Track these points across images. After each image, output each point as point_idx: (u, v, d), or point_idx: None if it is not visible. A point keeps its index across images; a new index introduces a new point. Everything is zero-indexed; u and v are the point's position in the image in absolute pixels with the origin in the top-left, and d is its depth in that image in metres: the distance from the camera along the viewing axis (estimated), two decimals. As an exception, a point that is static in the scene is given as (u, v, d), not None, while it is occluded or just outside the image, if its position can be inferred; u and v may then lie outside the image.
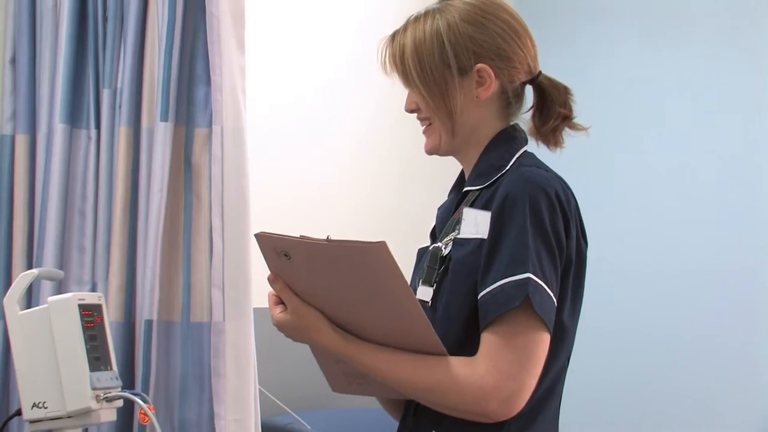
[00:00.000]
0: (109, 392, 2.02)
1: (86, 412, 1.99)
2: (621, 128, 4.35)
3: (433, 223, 1.84)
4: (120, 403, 2.06)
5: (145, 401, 2.04)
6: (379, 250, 1.50)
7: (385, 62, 1.75)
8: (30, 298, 2.44)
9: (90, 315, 2.04)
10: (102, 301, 2.10)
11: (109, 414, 2.05)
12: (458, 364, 1.56)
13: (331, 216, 3.66)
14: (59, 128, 2.47)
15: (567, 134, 1.76)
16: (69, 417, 2.00)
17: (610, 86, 4.44)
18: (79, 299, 2.04)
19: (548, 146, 1.76)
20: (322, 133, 3.76)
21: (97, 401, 1.99)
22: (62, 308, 2.02)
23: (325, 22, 3.82)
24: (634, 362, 4.27)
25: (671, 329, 4.20)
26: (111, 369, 2.06)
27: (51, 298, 2.06)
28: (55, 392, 1.99)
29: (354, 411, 3.18)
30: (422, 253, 1.80)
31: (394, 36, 1.75)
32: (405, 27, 1.74)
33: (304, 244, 1.55)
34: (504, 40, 1.70)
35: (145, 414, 2.01)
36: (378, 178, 3.98)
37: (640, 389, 4.26)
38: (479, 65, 1.69)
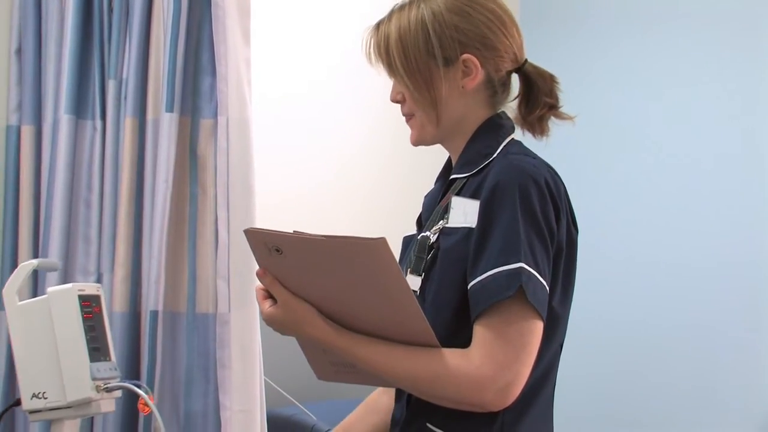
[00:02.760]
0: (109, 382, 2.02)
1: (86, 402, 1.99)
2: (618, 120, 4.31)
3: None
4: (119, 393, 2.06)
5: (145, 391, 2.03)
6: (379, 246, 1.47)
7: (369, 52, 1.74)
8: (36, 289, 2.45)
9: (89, 305, 2.04)
10: (101, 292, 2.10)
11: (108, 404, 2.05)
12: (453, 355, 1.54)
13: (335, 207, 3.65)
14: (65, 119, 2.47)
15: (562, 124, 1.75)
16: (69, 407, 2.00)
17: (610, 79, 4.39)
18: (79, 290, 2.04)
19: (534, 135, 1.74)
20: (328, 126, 3.75)
21: (97, 391, 1.99)
22: (62, 299, 2.02)
23: (330, 16, 3.80)
24: (629, 353, 4.20)
25: (667, 318, 4.13)
26: (110, 359, 2.06)
27: (50, 289, 2.05)
28: (55, 382, 1.99)
29: (359, 402, 3.16)
30: (408, 240, 1.79)
31: (378, 25, 1.74)
32: (390, 16, 1.72)
33: (299, 239, 1.53)
34: (489, 30, 1.68)
35: (145, 404, 2.01)
36: (383, 170, 3.96)
37: (635, 380, 4.19)
38: (465, 55, 1.67)
